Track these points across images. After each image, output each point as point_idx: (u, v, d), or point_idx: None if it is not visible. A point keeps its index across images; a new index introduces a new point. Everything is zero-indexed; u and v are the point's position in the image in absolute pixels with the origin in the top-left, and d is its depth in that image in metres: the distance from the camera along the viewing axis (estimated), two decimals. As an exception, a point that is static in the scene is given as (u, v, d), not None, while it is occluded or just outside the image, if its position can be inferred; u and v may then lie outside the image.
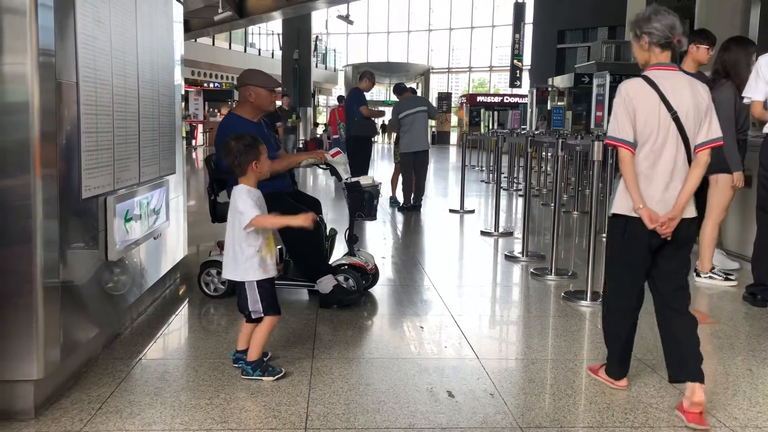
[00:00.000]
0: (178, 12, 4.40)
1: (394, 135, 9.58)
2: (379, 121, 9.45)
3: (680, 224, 2.65)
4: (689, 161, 2.67)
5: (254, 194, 2.95)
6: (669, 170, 2.66)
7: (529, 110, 8.60)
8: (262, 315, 2.96)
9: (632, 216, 2.68)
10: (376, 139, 9.53)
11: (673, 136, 2.64)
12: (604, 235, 6.77)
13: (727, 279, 4.80)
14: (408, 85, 9.33)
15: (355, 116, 8.78)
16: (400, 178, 8.92)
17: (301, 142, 27.84)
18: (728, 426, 2.56)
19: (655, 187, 2.66)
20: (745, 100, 4.47)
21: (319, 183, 12.49)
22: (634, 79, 2.72)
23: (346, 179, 4.27)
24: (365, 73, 9.15)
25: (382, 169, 10.06)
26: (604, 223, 6.92)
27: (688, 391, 2.60)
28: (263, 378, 2.91)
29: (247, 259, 2.92)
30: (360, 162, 8.81)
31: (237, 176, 2.99)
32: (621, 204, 2.73)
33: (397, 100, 9.13)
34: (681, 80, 2.70)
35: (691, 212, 2.68)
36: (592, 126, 4.73)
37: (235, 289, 3.05)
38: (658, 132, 2.65)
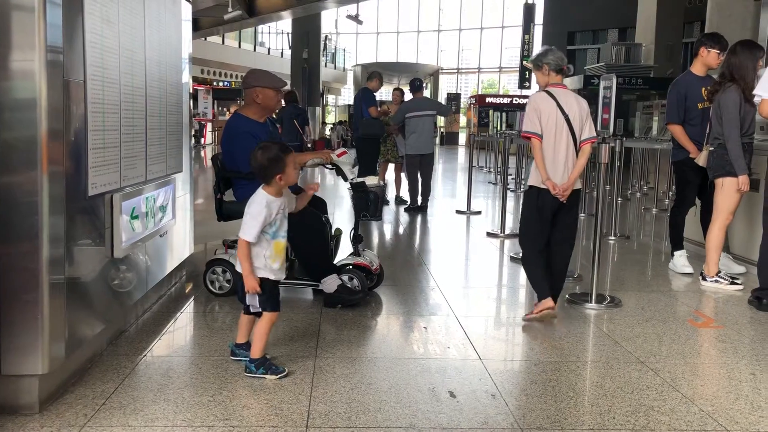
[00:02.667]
0: (186, 10, 4.42)
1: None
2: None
3: (571, 193, 3.82)
4: (576, 152, 3.82)
5: (274, 206, 2.94)
6: (563, 156, 3.78)
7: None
8: (260, 309, 2.97)
9: (542, 187, 3.80)
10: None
11: (566, 132, 3.78)
12: (611, 237, 6.79)
13: (733, 283, 4.78)
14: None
15: (364, 116, 8.83)
16: (405, 178, 8.97)
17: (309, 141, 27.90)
18: (729, 430, 2.56)
19: (556, 167, 3.79)
20: (756, 99, 4.44)
21: (326, 183, 12.52)
22: (540, 92, 3.86)
23: (352, 179, 4.28)
24: (374, 74, 9.23)
25: (390, 170, 10.03)
26: (611, 225, 6.92)
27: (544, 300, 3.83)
28: (266, 376, 2.92)
29: (254, 259, 2.94)
30: (369, 161, 8.84)
31: (261, 182, 3.01)
32: (534, 179, 3.86)
33: (405, 97, 9.22)
34: (569, 95, 3.86)
35: (578, 185, 3.88)
36: (599, 128, 4.72)
37: (237, 280, 3.05)
38: (556, 129, 3.77)
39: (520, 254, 4.15)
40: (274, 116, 4.28)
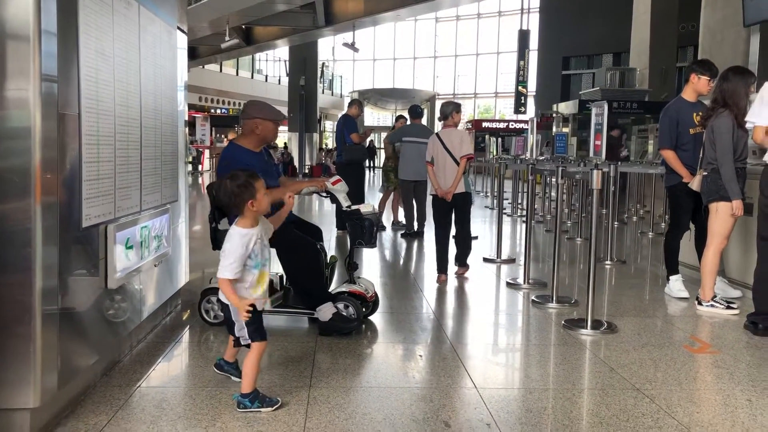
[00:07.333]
0: (181, 40, 4.47)
1: (383, 156, 9.71)
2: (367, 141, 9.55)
3: (457, 195, 5.75)
4: (457, 164, 5.74)
5: (250, 239, 2.90)
6: (449, 172, 5.74)
7: (530, 137, 8.59)
8: (249, 341, 2.96)
9: (435, 193, 5.84)
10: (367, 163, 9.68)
11: (448, 158, 5.73)
12: (607, 262, 6.79)
13: (728, 307, 4.78)
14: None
15: (347, 142, 8.93)
16: (402, 204, 9.00)
17: (306, 167, 28.01)
18: (726, 458, 2.54)
19: (444, 179, 5.76)
20: (748, 125, 4.48)
21: (324, 209, 12.53)
22: (434, 135, 6.00)
23: (347, 207, 4.29)
24: (354, 101, 9.61)
25: (379, 197, 10.04)
26: (607, 250, 6.93)
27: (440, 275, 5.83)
28: (261, 410, 2.89)
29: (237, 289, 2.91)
30: (354, 188, 8.86)
31: (235, 214, 2.99)
32: (431, 189, 5.90)
33: (399, 122, 9.41)
34: (452, 132, 5.87)
35: (461, 188, 5.76)
36: (591, 155, 4.73)
37: (224, 313, 3.03)
38: (441, 158, 5.77)
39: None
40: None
